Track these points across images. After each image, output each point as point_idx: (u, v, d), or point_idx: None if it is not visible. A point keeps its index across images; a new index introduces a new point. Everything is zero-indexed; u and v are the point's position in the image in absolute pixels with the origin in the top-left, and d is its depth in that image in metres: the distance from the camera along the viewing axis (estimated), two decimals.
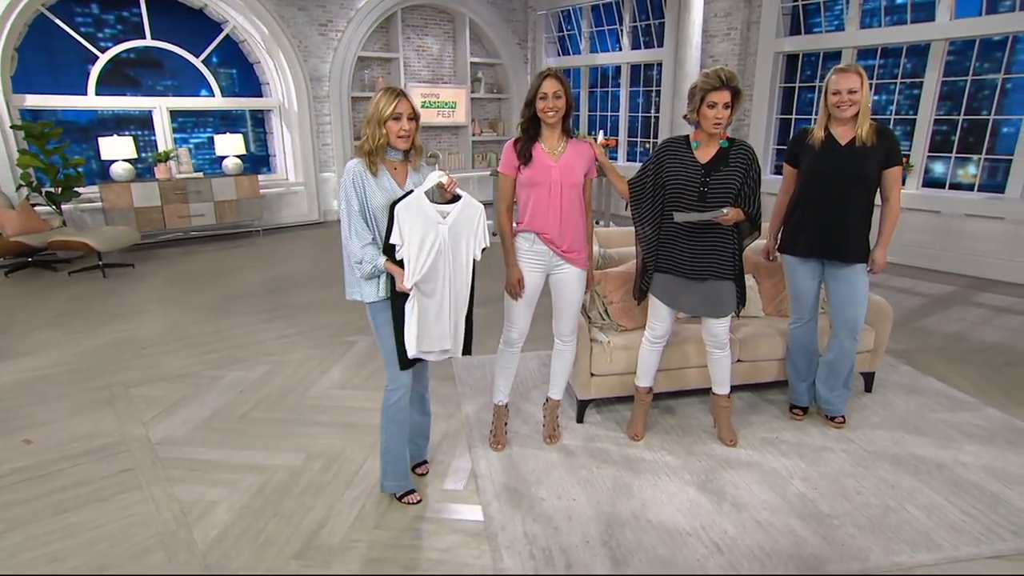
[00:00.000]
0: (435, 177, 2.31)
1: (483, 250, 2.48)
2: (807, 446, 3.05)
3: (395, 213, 2.24)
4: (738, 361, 3.28)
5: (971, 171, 6.38)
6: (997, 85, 6.09)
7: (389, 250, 2.30)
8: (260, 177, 8.18)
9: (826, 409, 3.24)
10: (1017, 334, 4.55)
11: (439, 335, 2.42)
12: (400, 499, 2.62)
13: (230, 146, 7.91)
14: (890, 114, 6.79)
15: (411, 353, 2.38)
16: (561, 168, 2.68)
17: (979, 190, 6.25)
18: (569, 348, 3.02)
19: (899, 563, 2.26)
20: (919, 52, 6.48)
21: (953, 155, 6.41)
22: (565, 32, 10.17)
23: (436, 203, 2.36)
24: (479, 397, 3.59)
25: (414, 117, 2.32)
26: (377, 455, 2.94)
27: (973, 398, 3.51)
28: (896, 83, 6.72)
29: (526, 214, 2.76)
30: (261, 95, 8.83)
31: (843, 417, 3.21)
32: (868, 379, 3.57)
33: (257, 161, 9.08)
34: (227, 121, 9.05)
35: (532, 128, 2.69)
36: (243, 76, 8.99)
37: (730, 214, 2.61)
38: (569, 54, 10.22)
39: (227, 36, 8.25)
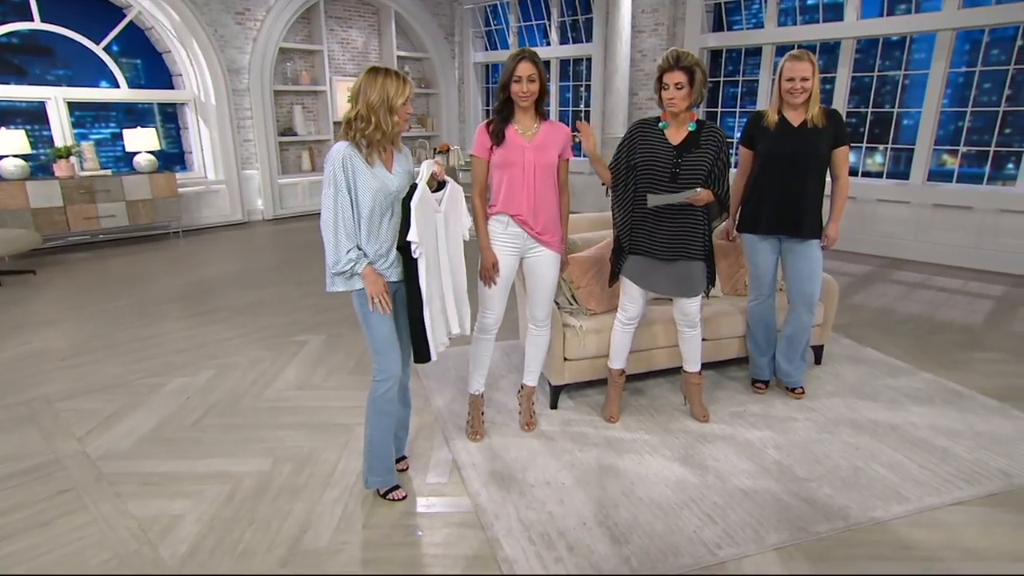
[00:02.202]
0: (428, 167, 2.26)
1: (469, 229, 2.51)
2: (773, 417, 3.18)
3: (412, 211, 2.19)
4: (703, 340, 3.36)
5: (878, 160, 6.92)
6: (898, 81, 6.63)
7: (404, 248, 2.25)
8: (176, 175, 7.62)
9: (786, 381, 3.39)
10: (931, 306, 4.96)
11: (451, 321, 2.49)
12: (384, 496, 2.50)
13: (142, 141, 7.32)
14: None
15: (438, 351, 2.40)
16: (535, 148, 2.65)
17: (887, 177, 6.79)
18: (544, 333, 2.99)
19: (876, 517, 2.39)
20: (831, 49, 6.95)
21: (864, 145, 6.93)
22: (493, 26, 10.16)
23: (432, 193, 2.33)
24: (446, 389, 3.50)
25: None
26: (351, 454, 2.82)
27: (908, 364, 3.79)
28: None
29: (499, 196, 2.71)
30: (172, 87, 8.24)
31: (802, 388, 3.37)
32: (818, 352, 3.77)
33: (169, 159, 8.46)
34: (133, 115, 8.39)
35: (506, 109, 2.65)
36: (151, 66, 8.35)
37: (702, 194, 2.67)
38: (497, 48, 10.22)
39: (131, 22, 7.63)
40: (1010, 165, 6.29)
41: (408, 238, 2.19)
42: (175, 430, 3.06)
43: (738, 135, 7.67)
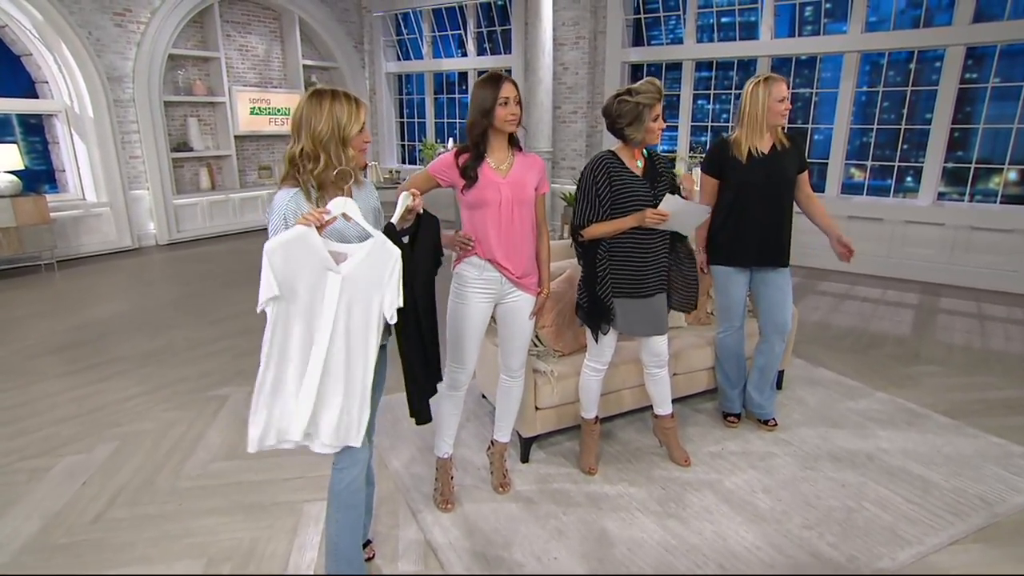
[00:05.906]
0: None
1: (399, 310, 1.82)
2: (753, 455, 3.05)
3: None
4: (673, 375, 3.20)
5: None
6: (810, 98, 6.92)
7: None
8: (47, 197, 6.60)
9: (758, 413, 3.28)
10: (861, 318, 5.13)
11: (302, 418, 1.76)
12: None
13: (0, 159, 6.27)
14: (725, 121, 7.41)
15: (252, 447, 1.75)
16: (511, 184, 2.36)
17: None
18: (518, 384, 2.70)
19: (883, 568, 2.29)
20: (747, 66, 7.15)
21: None
22: (405, 35, 9.73)
23: (345, 234, 1.82)
24: (401, 448, 3.12)
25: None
26: (305, 542, 2.40)
27: (861, 383, 3.83)
28: (730, 93, 7.36)
29: (472, 238, 2.40)
30: (36, 95, 7.18)
31: (775, 420, 3.27)
32: (779, 377, 3.71)
33: (35, 177, 7.35)
34: None
35: (482, 144, 2.33)
36: (6, 71, 7.25)
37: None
38: (410, 58, 9.81)
39: None
40: (909, 178, 6.72)
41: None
42: (70, 531, 2.47)
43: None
